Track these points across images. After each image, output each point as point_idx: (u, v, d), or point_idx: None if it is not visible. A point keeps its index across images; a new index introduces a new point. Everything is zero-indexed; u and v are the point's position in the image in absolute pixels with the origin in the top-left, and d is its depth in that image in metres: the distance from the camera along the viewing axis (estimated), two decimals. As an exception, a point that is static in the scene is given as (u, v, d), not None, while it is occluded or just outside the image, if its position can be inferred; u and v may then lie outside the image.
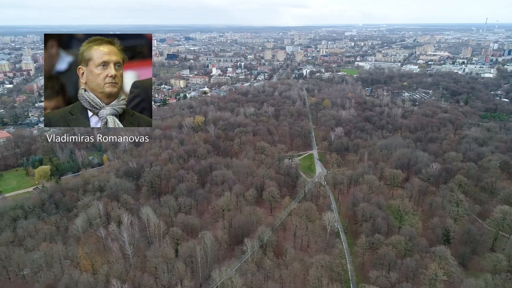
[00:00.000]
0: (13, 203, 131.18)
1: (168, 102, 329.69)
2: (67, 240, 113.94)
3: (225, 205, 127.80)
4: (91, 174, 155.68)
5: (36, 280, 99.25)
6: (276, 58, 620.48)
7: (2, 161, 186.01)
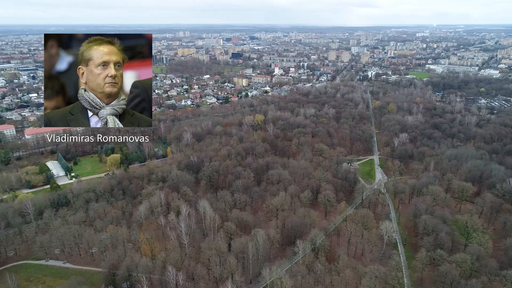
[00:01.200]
0: (87, 187, 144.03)
1: (230, 100, 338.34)
2: (131, 224, 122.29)
3: (279, 204, 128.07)
4: (156, 165, 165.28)
5: (102, 259, 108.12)
6: (340, 59, 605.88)
7: (80, 148, 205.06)
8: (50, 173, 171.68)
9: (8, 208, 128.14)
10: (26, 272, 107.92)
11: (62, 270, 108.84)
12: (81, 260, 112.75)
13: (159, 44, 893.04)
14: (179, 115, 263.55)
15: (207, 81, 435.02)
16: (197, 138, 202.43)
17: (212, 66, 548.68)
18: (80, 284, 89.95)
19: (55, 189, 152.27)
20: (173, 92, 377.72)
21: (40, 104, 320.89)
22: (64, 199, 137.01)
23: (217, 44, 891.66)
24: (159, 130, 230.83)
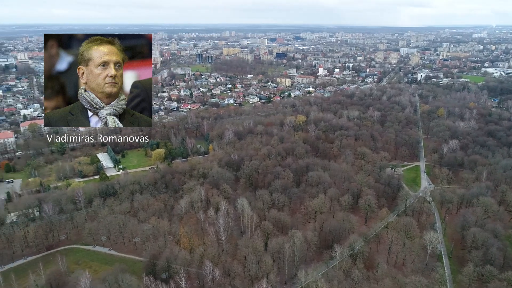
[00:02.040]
0: (133, 179, 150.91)
1: (273, 100, 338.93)
2: (172, 217, 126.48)
3: (318, 207, 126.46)
4: (197, 161, 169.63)
5: (144, 249, 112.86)
6: (388, 60, 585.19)
7: (127, 142, 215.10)
8: (100, 164, 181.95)
9: (62, 195, 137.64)
10: (75, 255, 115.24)
11: (107, 257, 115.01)
12: (125, 248, 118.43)
13: (205, 43, 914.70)
14: (222, 113, 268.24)
15: (251, 81, 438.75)
16: (238, 136, 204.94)
17: (256, 65, 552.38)
18: (123, 271, 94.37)
19: (104, 179, 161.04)
20: (217, 90, 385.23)
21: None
22: (111, 189, 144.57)
23: (262, 43, 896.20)
24: (202, 128, 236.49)
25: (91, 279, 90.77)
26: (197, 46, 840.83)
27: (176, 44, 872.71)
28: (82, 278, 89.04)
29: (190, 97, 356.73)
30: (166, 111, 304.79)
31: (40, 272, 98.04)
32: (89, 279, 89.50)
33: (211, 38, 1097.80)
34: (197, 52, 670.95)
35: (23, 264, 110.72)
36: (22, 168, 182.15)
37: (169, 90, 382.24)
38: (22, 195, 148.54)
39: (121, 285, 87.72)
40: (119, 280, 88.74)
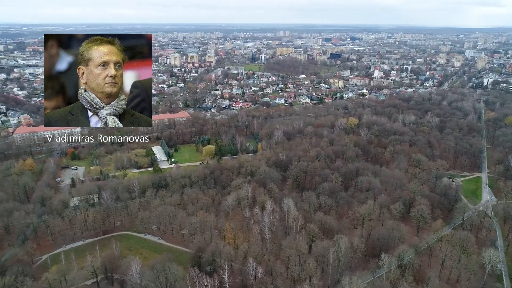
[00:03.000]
0: (184, 173, 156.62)
1: (324, 101, 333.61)
2: (219, 213, 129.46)
3: (366, 213, 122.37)
4: (246, 159, 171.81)
5: (191, 241, 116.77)
6: (451, 63, 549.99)
7: (181, 137, 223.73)
8: (154, 157, 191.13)
9: (119, 184, 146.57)
10: (128, 241, 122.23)
11: (156, 245, 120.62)
12: (173, 239, 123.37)
13: (259, 43, 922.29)
14: (272, 113, 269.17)
15: (303, 81, 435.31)
16: (287, 136, 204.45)
17: (309, 66, 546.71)
18: (170, 261, 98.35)
19: (157, 172, 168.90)
20: (268, 90, 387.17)
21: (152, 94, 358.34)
22: (164, 181, 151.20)
23: (316, 44, 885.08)
24: (252, 126, 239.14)
25: (141, 265, 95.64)
26: (251, 45, 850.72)
27: (231, 44, 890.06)
28: (133, 263, 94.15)
29: (241, 95, 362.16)
30: (218, 109, 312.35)
31: (96, 254, 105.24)
32: (139, 265, 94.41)
33: (265, 38, 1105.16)
34: (251, 52, 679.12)
35: (82, 246, 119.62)
36: (86, 156, 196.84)
37: (222, 88, 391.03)
38: (85, 181, 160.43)
39: (168, 273, 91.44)
40: (167, 268, 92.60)
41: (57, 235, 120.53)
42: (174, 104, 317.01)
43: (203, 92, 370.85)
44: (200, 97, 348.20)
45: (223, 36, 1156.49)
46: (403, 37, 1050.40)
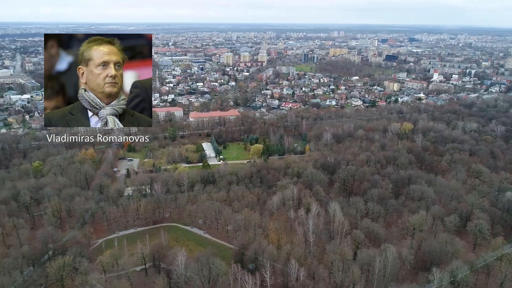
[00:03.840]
0: (231, 170, 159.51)
1: (377, 104, 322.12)
2: (263, 212, 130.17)
3: (417, 224, 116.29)
4: (293, 160, 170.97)
5: (235, 237, 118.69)
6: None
7: (230, 134, 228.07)
8: (204, 153, 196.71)
9: (169, 177, 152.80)
10: (175, 233, 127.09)
11: (202, 239, 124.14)
12: (218, 234, 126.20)
13: (312, 43, 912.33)
14: (322, 114, 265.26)
15: (355, 83, 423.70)
16: (336, 139, 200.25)
17: (363, 67, 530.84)
18: (214, 255, 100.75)
19: (206, 167, 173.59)
20: (319, 91, 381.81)
21: (204, 92, 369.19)
22: (211, 177, 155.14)
23: (371, 45, 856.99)
24: (300, 127, 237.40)
25: (186, 257, 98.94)
26: (304, 45, 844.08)
27: (284, 44, 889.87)
28: (179, 254, 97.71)
29: (292, 96, 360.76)
30: (267, 108, 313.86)
31: (146, 243, 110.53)
32: (184, 256, 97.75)
33: (318, 38, 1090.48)
34: (303, 52, 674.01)
35: (134, 233, 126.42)
36: (140, 149, 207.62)
37: (272, 88, 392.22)
38: (138, 173, 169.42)
39: (212, 267, 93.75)
40: (210, 262, 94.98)
41: (112, 221, 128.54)
42: (225, 102, 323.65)
43: (254, 91, 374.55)
44: (251, 96, 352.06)
45: (276, 36, 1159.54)
46: (468, 38, 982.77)
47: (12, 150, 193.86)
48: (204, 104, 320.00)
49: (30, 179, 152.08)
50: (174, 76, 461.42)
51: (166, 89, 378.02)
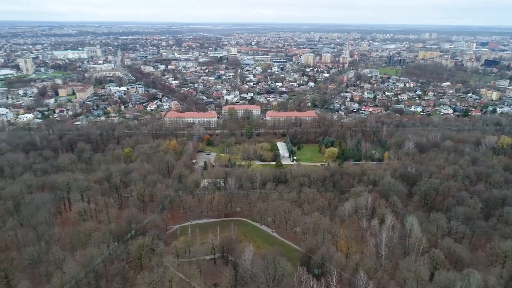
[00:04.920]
0: (303, 171, 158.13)
1: (471, 114, 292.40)
2: (334, 217, 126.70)
3: (510, 251, 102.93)
4: (369, 167, 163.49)
5: (302, 240, 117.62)
6: None
7: (305, 135, 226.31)
8: (278, 152, 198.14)
9: (243, 173, 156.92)
10: (244, 228, 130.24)
11: (269, 237, 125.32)
12: (286, 234, 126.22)
13: (399, 45, 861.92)
14: (405, 121, 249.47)
15: (446, 89, 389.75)
16: (420, 148, 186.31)
17: (456, 72, 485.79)
18: (280, 255, 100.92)
19: (279, 167, 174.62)
20: (403, 96, 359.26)
21: (283, 92, 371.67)
22: (283, 177, 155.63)
23: (467, 48, 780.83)
24: (380, 133, 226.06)
25: (254, 253, 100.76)
26: (390, 48, 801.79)
27: (368, 45, 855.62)
28: (247, 249, 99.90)
29: (373, 100, 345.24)
30: (346, 111, 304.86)
31: (217, 234, 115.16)
32: (252, 252, 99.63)
33: (407, 40, 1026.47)
34: (389, 54, 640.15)
35: (206, 223, 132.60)
36: (218, 143, 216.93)
37: (352, 90, 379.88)
38: (215, 166, 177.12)
39: (277, 267, 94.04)
40: (276, 261, 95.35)
41: (187, 210, 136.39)
42: (302, 103, 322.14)
43: (333, 93, 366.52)
44: (329, 98, 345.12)
45: (360, 37, 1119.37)
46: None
47: (108, 136, 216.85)
48: (282, 103, 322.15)
49: (121, 164, 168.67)
50: (255, 75, 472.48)
51: (246, 87, 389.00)
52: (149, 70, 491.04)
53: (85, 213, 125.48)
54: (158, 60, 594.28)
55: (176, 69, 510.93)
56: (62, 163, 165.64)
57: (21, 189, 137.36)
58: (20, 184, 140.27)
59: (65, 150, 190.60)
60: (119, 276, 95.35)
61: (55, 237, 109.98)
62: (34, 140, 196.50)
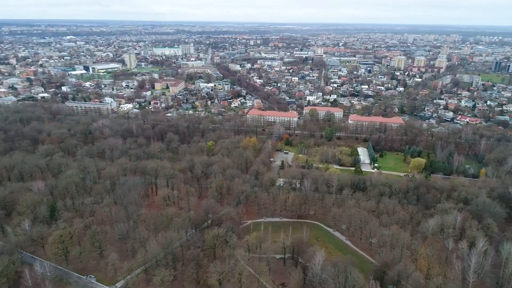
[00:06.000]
0: (384, 180, 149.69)
1: None
2: (415, 233, 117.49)
3: None
4: (461, 183, 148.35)
5: (378, 252, 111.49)
6: None
7: (389, 143, 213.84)
8: (358, 158, 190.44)
9: (320, 176, 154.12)
10: (317, 232, 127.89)
11: (342, 244, 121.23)
12: (360, 244, 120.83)
13: (509, 50, 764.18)
14: (509, 135, 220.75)
15: None
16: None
17: None
18: (353, 265, 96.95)
19: (358, 173, 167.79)
20: (509, 107, 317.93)
21: (368, 96, 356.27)
22: (362, 184, 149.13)
23: None
24: (477, 146, 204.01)
25: (324, 258, 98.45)
26: (497, 52, 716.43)
27: (470, 49, 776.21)
28: (318, 254, 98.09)
29: (471, 109, 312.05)
30: (438, 120, 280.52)
31: (289, 234, 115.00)
32: (323, 258, 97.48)
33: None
34: (495, 59, 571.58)
35: (279, 222, 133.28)
36: (297, 144, 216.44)
37: (447, 98, 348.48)
38: (291, 166, 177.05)
39: (348, 277, 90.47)
40: (348, 271, 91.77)
41: (261, 206, 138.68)
42: (389, 108, 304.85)
43: (424, 100, 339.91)
44: (420, 105, 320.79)
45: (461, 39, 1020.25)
46: None
47: (194, 129, 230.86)
48: (366, 107, 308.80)
49: (203, 156, 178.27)
50: (340, 76, 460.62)
51: (329, 89, 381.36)
52: (236, 68, 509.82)
53: (168, 198, 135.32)
54: (245, 58, 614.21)
55: (262, 68, 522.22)
56: (153, 151, 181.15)
57: (118, 171, 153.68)
58: (117, 167, 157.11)
59: (156, 139, 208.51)
60: (194, 262, 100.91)
61: (142, 217, 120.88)
62: (131, 128, 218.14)
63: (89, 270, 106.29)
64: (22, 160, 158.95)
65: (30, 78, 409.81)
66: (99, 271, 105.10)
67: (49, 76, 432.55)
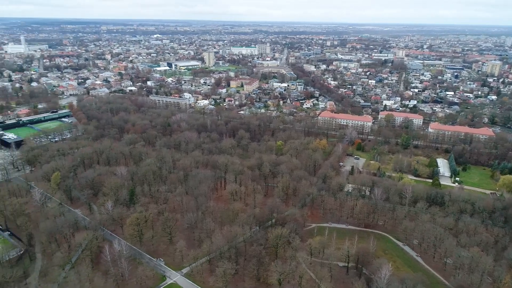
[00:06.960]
0: (467, 197, 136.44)
1: None
2: (500, 259, 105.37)
3: None
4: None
5: (453, 274, 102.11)
6: None
7: (475, 156, 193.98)
8: (437, 169, 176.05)
9: (392, 185, 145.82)
10: (385, 244, 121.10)
11: (412, 261, 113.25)
12: (432, 263, 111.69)
13: None
14: None
15: None
16: None
17: None
18: (422, 284, 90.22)
19: (436, 186, 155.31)
20: None
21: (453, 103, 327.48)
22: (440, 198, 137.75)
23: None
24: None
25: (391, 273, 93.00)
26: None
27: None
28: (384, 267, 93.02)
29: None
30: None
31: (354, 243, 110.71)
32: (389, 272, 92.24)
33: None
34: None
35: (344, 229, 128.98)
36: (369, 150, 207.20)
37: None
38: (362, 172, 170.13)
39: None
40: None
41: (327, 211, 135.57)
42: (477, 118, 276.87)
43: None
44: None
45: None
46: None
47: (265, 127, 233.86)
48: (450, 116, 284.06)
49: (272, 155, 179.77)
50: (422, 81, 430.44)
51: (409, 94, 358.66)
52: (311, 69, 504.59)
53: (236, 194, 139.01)
54: (320, 59, 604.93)
55: (337, 70, 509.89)
56: (224, 146, 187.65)
57: (191, 163, 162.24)
58: (191, 159, 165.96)
59: (228, 135, 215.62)
60: (256, 259, 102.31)
61: (210, 209, 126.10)
62: (206, 123, 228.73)
63: (159, 253, 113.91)
64: (109, 147, 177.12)
65: (121, 72, 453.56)
66: (168, 255, 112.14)
67: (137, 71, 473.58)
